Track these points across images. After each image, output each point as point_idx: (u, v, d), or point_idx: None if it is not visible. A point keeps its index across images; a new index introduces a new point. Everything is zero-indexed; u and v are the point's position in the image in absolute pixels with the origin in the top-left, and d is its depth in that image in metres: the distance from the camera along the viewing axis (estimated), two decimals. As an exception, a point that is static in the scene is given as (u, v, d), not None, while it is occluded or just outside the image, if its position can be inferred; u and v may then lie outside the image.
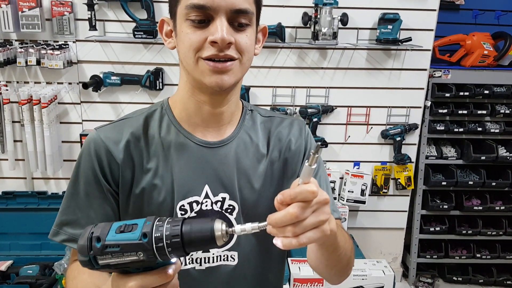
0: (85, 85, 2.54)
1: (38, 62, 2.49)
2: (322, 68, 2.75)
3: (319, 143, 0.73)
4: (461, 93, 2.86)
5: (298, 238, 0.64)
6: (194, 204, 0.91)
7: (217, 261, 0.94)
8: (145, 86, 2.63)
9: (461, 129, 2.93)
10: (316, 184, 0.65)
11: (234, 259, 0.95)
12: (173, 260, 0.66)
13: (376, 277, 2.21)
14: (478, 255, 3.12)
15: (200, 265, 0.93)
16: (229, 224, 0.93)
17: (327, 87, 2.78)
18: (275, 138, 0.99)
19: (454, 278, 3.17)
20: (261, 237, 0.82)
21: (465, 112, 2.90)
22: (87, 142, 0.90)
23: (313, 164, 0.63)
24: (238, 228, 0.66)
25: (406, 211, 3.08)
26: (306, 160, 0.63)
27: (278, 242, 0.64)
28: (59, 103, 2.68)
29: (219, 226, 0.64)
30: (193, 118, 0.93)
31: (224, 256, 0.94)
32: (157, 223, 0.63)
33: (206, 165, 0.92)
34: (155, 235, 0.61)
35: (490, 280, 3.15)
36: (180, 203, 0.90)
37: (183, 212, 0.91)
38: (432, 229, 3.09)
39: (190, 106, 0.92)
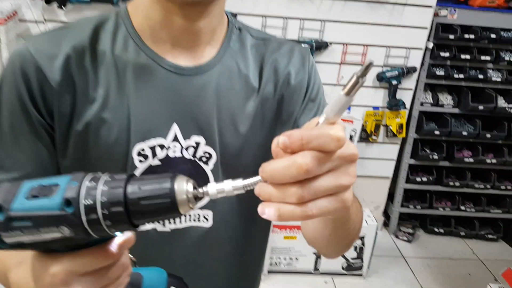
0: (48, 0, 2.23)
1: (-8, -31, 2.15)
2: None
3: (372, 59, 0.42)
4: (466, 36, 2.63)
5: (305, 206, 0.40)
6: (158, 149, 0.68)
7: (185, 221, 0.73)
8: (117, 4, 2.31)
9: (461, 76, 2.73)
10: (344, 129, 0.41)
11: (207, 220, 0.74)
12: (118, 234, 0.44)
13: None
14: (463, 208, 3.03)
15: (164, 226, 0.72)
16: (202, 179, 0.70)
17: (323, 20, 2.50)
18: (269, 67, 0.74)
19: (436, 230, 3.10)
20: (243, 193, 0.62)
21: (467, 57, 2.68)
22: (11, 57, 0.64)
23: (353, 94, 0.39)
24: (212, 188, 0.42)
25: (394, 159, 2.93)
26: (342, 88, 0.39)
27: (271, 210, 0.40)
28: (19, 20, 2.35)
29: (183, 186, 0.41)
30: (159, 32, 0.68)
31: (195, 216, 0.73)
32: (88, 183, 0.40)
33: (176, 97, 0.68)
34: (85, 202, 0.39)
35: (472, 233, 3.09)
36: (138, 146, 0.67)
37: (142, 159, 0.68)
38: (418, 179, 2.97)
39: (154, 15, 0.67)
